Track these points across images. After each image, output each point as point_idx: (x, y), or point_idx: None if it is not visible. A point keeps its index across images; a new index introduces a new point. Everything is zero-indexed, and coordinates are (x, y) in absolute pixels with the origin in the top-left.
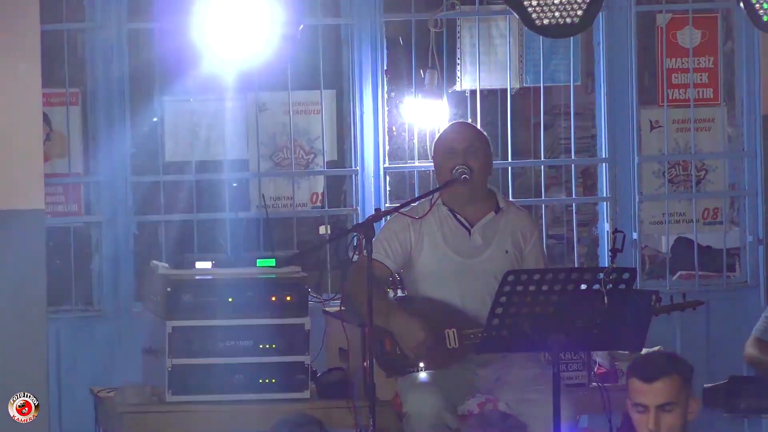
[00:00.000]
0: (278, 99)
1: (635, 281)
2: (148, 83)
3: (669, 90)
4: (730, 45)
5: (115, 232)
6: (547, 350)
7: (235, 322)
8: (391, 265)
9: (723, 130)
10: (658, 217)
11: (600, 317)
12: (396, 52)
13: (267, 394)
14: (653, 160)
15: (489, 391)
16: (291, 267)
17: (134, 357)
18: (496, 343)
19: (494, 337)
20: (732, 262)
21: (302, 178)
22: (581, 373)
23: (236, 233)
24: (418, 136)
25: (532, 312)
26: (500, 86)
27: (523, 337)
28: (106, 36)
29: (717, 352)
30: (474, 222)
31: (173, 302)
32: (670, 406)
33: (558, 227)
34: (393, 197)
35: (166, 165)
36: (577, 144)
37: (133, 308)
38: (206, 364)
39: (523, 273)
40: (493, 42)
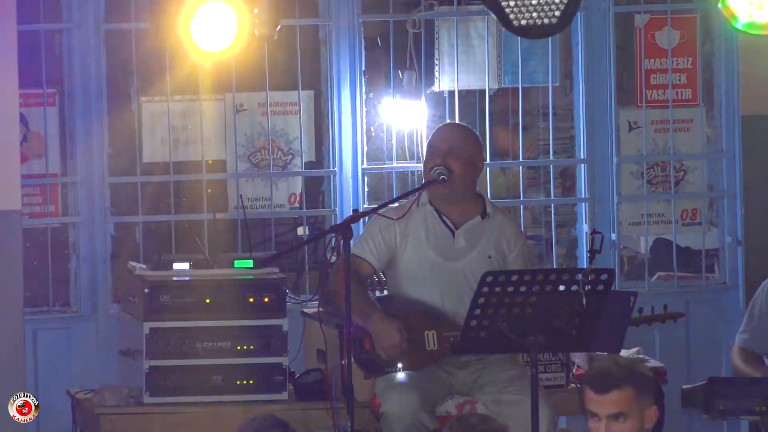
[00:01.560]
0: (256, 99)
1: (614, 282)
2: (126, 84)
3: (647, 91)
4: (709, 46)
5: (93, 233)
6: (526, 351)
7: (213, 323)
8: (374, 263)
9: (702, 130)
10: (636, 218)
11: (578, 318)
12: (374, 52)
13: (245, 395)
14: (632, 161)
15: (467, 392)
16: (269, 268)
17: (112, 358)
18: (475, 344)
19: (472, 338)
20: (711, 263)
21: (280, 179)
22: (560, 375)
23: (214, 234)
24: (396, 137)
25: (510, 313)
26: (479, 87)
27: (501, 339)
28: (84, 36)
29: (696, 353)
30: (459, 224)
31: (151, 303)
32: (621, 417)
33: (537, 228)
34: (371, 198)
35: (143, 166)
36: (556, 145)
37: (110, 309)
38: (184, 365)
39: (501, 274)
40: (472, 43)
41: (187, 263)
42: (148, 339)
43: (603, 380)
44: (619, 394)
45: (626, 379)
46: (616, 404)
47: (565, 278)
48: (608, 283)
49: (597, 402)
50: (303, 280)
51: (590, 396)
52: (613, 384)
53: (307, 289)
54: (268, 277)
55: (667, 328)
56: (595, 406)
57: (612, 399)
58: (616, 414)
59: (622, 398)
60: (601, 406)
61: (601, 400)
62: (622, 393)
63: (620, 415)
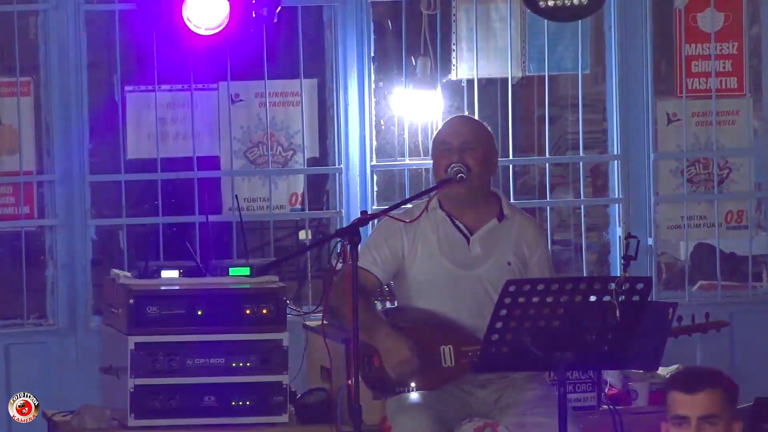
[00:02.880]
0: (253, 89)
1: (650, 292)
2: (108, 71)
3: (688, 79)
4: (757, 29)
5: (72, 237)
6: (553, 369)
7: (205, 337)
8: (379, 274)
9: (748, 123)
10: (676, 221)
11: (611, 332)
12: (384, 36)
13: (241, 417)
14: (671, 158)
15: (488, 414)
16: (267, 276)
17: (93, 376)
18: (496, 361)
19: (493, 355)
20: (758, 271)
21: (280, 178)
22: (590, 395)
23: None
24: (408, 131)
25: (535, 326)
26: (500, 75)
27: (525, 355)
28: (62, 18)
29: (742, 371)
30: (474, 229)
31: (136, 315)
32: (713, 419)
33: (564, 232)
34: (381, 199)
35: (128, 162)
36: (586, 139)
37: (91, 322)
38: (173, 384)
39: (526, 283)
40: (493, 26)
41: (176, 271)
42: (134, 355)
43: (694, 379)
44: (711, 394)
45: (717, 379)
46: (708, 405)
47: (597, 288)
48: (644, 293)
49: (687, 403)
50: (305, 289)
51: (679, 398)
52: (705, 383)
53: (309, 299)
54: (266, 287)
55: (709, 343)
56: (685, 409)
57: (704, 399)
58: (709, 416)
59: (714, 399)
60: (693, 407)
61: (693, 400)
62: (714, 393)
63: (712, 418)
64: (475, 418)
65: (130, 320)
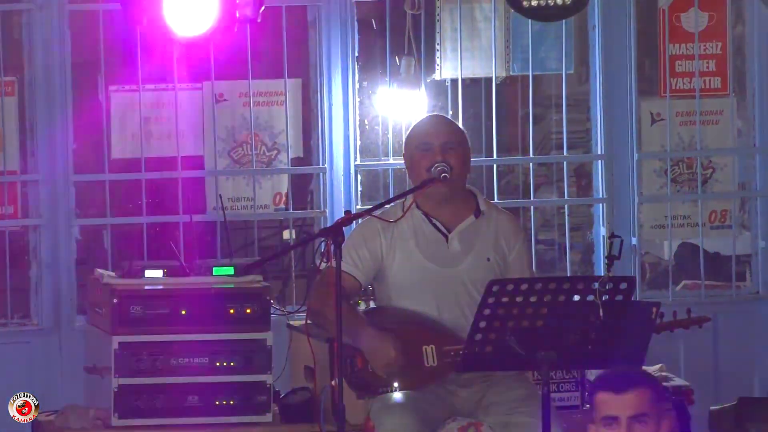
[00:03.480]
0: (237, 89)
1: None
2: (93, 71)
3: (672, 79)
4: (741, 28)
5: (56, 237)
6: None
7: (189, 337)
8: (359, 276)
9: (732, 123)
10: (659, 221)
11: (595, 332)
12: (368, 36)
13: (225, 417)
14: (654, 157)
15: (471, 413)
16: (251, 276)
17: (77, 376)
18: (479, 361)
19: (477, 354)
20: (742, 271)
21: (264, 177)
22: (574, 394)
23: (190, 238)
24: (392, 131)
25: (518, 326)
26: (484, 75)
27: (508, 354)
28: (46, 18)
29: (725, 370)
30: (452, 227)
31: (120, 315)
32: (643, 417)
33: (549, 231)
34: (365, 198)
35: (112, 162)
36: (570, 139)
37: (75, 322)
38: (157, 384)
39: (509, 283)
40: (477, 26)
41: (160, 270)
42: (118, 355)
43: (621, 379)
44: (640, 393)
45: (644, 378)
46: (638, 404)
47: (580, 287)
48: (628, 293)
49: (616, 404)
50: (289, 289)
51: (607, 399)
52: (632, 382)
53: (293, 299)
54: (250, 286)
55: (693, 343)
56: (614, 409)
57: (633, 398)
58: (639, 415)
59: (643, 398)
60: (622, 407)
61: (622, 400)
62: (642, 392)
63: (642, 416)
64: (459, 418)
65: (114, 320)
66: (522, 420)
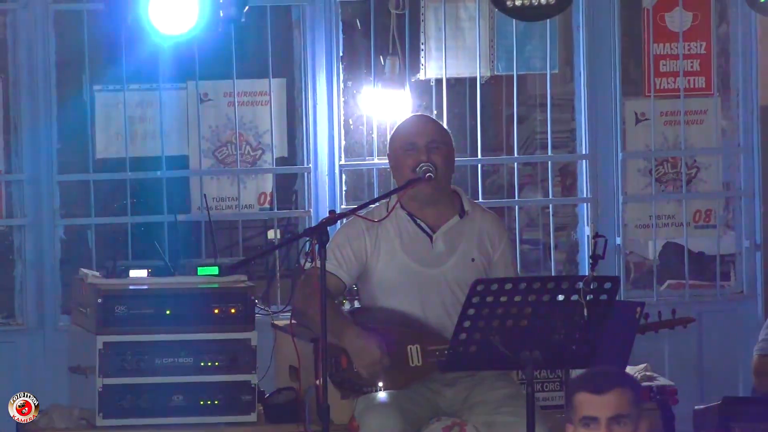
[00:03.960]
0: (222, 88)
1: (618, 291)
2: (77, 71)
3: (656, 79)
4: (725, 28)
5: (40, 237)
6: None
7: (174, 337)
8: (344, 277)
9: (716, 123)
10: (644, 220)
11: (579, 331)
12: (353, 36)
13: (209, 417)
14: (639, 157)
15: (455, 413)
16: (236, 276)
17: (61, 376)
18: (464, 361)
19: (461, 354)
20: (726, 270)
21: (249, 177)
22: (558, 394)
23: (175, 238)
24: (377, 131)
25: (503, 325)
26: (469, 75)
27: (493, 354)
28: (30, 17)
29: (709, 369)
30: (436, 227)
31: (105, 315)
32: (623, 419)
33: (533, 231)
34: (350, 198)
35: (96, 162)
36: (555, 139)
37: (59, 322)
38: (141, 383)
39: (494, 282)
40: (461, 25)
41: (145, 270)
42: (102, 355)
43: (602, 380)
44: (620, 394)
45: (624, 379)
46: (618, 405)
47: (565, 287)
48: (612, 293)
49: (596, 404)
50: (274, 289)
51: (587, 399)
52: (612, 383)
53: (278, 299)
54: (235, 286)
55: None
56: (594, 410)
57: (613, 399)
58: (618, 416)
59: (623, 399)
60: (602, 408)
61: (602, 401)
62: (622, 393)
63: (622, 418)
64: (443, 417)
65: (99, 320)
66: (506, 420)
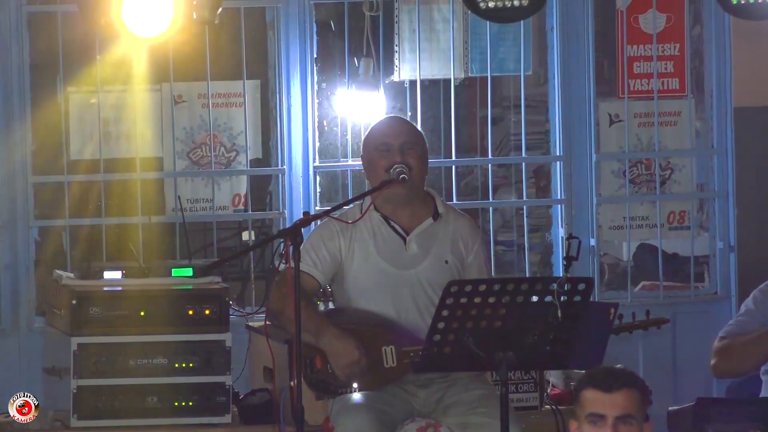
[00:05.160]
0: (196, 90)
1: (592, 292)
2: (51, 73)
3: (630, 80)
4: (699, 30)
5: (14, 239)
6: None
7: (148, 338)
8: (319, 277)
9: (690, 124)
10: (618, 222)
11: (553, 333)
12: (327, 38)
13: (184, 418)
14: (613, 159)
15: (430, 414)
16: (210, 277)
17: (35, 377)
18: (438, 362)
19: (435, 355)
20: (700, 272)
21: (223, 178)
22: (533, 395)
23: (149, 239)
24: (351, 132)
25: (477, 327)
26: (443, 76)
27: (467, 355)
28: (3, 19)
29: (683, 371)
30: (410, 229)
31: (79, 316)
32: (629, 419)
33: (508, 232)
34: (324, 199)
35: (70, 164)
36: (529, 140)
37: (34, 323)
38: (116, 385)
39: (467, 284)
40: (435, 27)
41: (119, 272)
42: (76, 356)
43: (611, 378)
44: (628, 394)
45: (633, 379)
46: (625, 405)
47: (539, 288)
48: (586, 294)
49: (605, 402)
50: (248, 290)
51: (595, 396)
52: (622, 382)
53: (252, 300)
54: (209, 287)
55: (651, 344)
56: (602, 407)
57: (622, 398)
58: (625, 416)
59: (631, 399)
60: (610, 406)
61: (611, 399)
62: (631, 393)
63: (629, 418)
64: (418, 419)
65: (73, 321)
66: (480, 420)
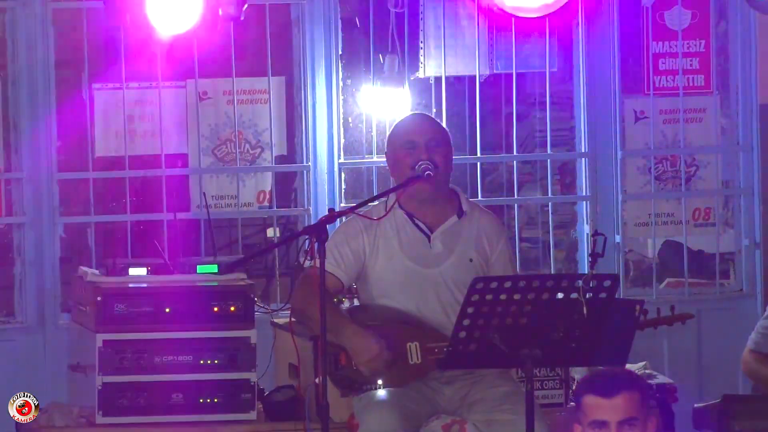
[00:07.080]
0: (221, 86)
1: (617, 289)
2: (76, 69)
3: (655, 77)
4: (724, 26)
5: (40, 235)
6: (520, 366)
7: (173, 335)
8: (342, 276)
9: (716, 121)
10: (643, 218)
11: (578, 329)
12: (352, 34)
13: (209, 415)
14: (638, 155)
15: (455, 411)
16: (235, 274)
17: (61, 374)
18: (463, 358)
19: (461, 352)
20: (726, 269)
21: (248, 175)
22: (558, 392)
23: (174, 236)
24: (376, 129)
25: (502, 324)
26: (468, 73)
27: (492, 352)
28: (29, 15)
29: (709, 368)
30: (434, 227)
31: (104, 313)
32: (633, 422)
33: (533, 229)
34: (349, 196)
35: (96, 160)
36: (554, 137)
37: (59, 320)
38: (141, 382)
39: (493, 280)
40: (461, 24)
41: (144, 268)
42: (102, 353)
43: (610, 383)
44: (629, 397)
45: (633, 381)
46: (627, 409)
47: (564, 285)
48: (612, 291)
49: (606, 408)
50: (273, 287)
51: (596, 403)
52: (622, 386)
53: (278, 297)
54: (234, 284)
55: (676, 340)
56: (604, 413)
57: (623, 403)
58: (629, 419)
59: (632, 402)
60: (611, 411)
61: (612, 404)
62: (631, 396)
63: (632, 420)
64: (443, 415)
65: (98, 318)
66: (506, 417)
